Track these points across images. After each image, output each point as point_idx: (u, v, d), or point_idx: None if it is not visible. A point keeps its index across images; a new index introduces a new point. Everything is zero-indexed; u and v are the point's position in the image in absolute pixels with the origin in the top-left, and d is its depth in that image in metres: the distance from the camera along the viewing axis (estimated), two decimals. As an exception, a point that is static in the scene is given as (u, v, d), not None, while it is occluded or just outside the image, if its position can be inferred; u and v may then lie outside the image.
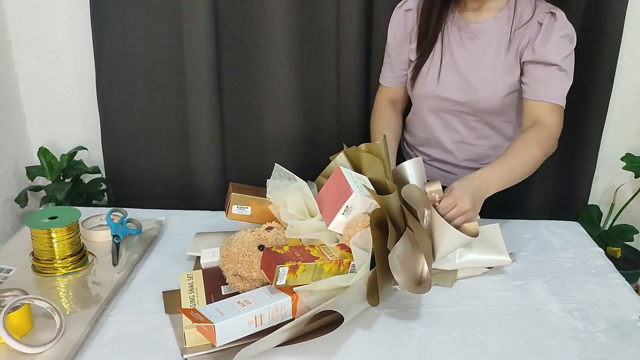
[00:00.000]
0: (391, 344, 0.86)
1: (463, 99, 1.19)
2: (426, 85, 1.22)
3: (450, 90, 1.20)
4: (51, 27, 1.66)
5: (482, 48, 1.17)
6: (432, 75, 1.20)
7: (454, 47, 1.19)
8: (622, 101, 1.69)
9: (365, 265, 0.90)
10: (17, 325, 0.83)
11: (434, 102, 1.23)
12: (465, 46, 1.18)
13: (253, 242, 0.95)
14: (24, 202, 1.65)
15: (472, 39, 1.17)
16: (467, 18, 1.18)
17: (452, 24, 1.19)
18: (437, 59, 1.20)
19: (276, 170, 1.08)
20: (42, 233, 1.00)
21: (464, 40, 1.18)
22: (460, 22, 1.18)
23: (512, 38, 1.13)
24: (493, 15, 1.16)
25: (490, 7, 1.15)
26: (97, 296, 0.95)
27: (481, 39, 1.17)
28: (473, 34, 1.17)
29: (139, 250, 1.10)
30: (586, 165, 1.71)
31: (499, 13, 1.15)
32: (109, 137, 1.72)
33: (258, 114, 1.69)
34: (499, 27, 1.15)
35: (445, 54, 1.19)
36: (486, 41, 1.16)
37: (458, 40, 1.19)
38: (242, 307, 0.82)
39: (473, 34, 1.17)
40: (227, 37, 1.59)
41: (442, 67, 1.19)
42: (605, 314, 0.95)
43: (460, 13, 1.19)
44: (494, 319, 0.93)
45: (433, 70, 1.20)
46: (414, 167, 1.08)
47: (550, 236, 1.22)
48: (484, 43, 1.17)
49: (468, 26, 1.18)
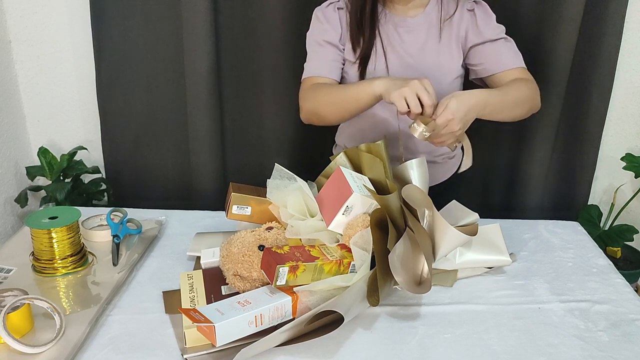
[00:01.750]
0: (393, 343, 0.86)
1: None
2: None
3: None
4: (51, 27, 1.66)
5: (420, 39, 1.21)
6: (380, 71, 1.22)
7: (394, 42, 1.22)
8: (622, 101, 1.70)
9: (366, 265, 0.90)
10: (17, 325, 0.83)
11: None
12: (403, 39, 1.22)
13: (253, 242, 0.95)
14: (24, 202, 1.65)
15: (409, 32, 1.22)
16: (399, 14, 1.22)
17: (385, 21, 1.22)
18: (381, 54, 1.22)
19: (276, 170, 1.08)
20: (42, 233, 1.00)
21: (401, 34, 1.22)
22: (395, 19, 1.22)
23: (443, 27, 1.21)
24: (421, 10, 1.22)
25: (416, 3, 1.21)
26: (97, 296, 0.94)
27: (417, 31, 1.22)
28: (409, 28, 1.21)
29: (139, 250, 1.10)
30: (586, 165, 1.71)
31: (427, 7, 1.22)
32: (109, 137, 1.72)
33: (258, 114, 1.69)
34: (430, 19, 1.22)
35: (387, 49, 1.22)
36: (422, 32, 1.21)
37: (396, 36, 1.22)
38: (242, 307, 0.81)
39: (409, 27, 1.21)
40: (227, 37, 1.59)
41: (387, 61, 1.22)
42: (606, 314, 0.95)
43: (391, 11, 1.22)
44: (496, 318, 0.93)
45: (380, 66, 1.22)
46: (416, 167, 1.08)
47: (550, 236, 1.22)
48: (420, 34, 1.21)
49: (404, 20, 1.21)
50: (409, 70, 1.22)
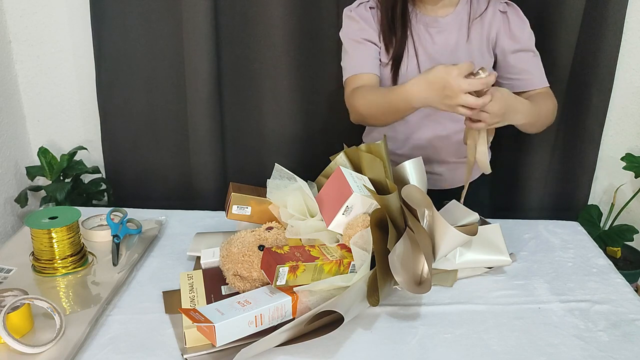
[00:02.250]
0: (393, 343, 0.86)
1: None
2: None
3: None
4: (51, 27, 1.66)
5: (451, 39, 1.21)
6: (412, 72, 1.22)
7: (425, 43, 1.22)
8: (622, 101, 1.70)
9: (366, 265, 0.90)
10: (17, 325, 0.83)
11: None
12: (435, 40, 1.21)
13: (253, 242, 0.95)
14: (24, 202, 1.65)
15: (440, 33, 1.21)
16: (429, 13, 1.22)
17: (417, 22, 1.22)
18: (412, 55, 1.22)
19: (276, 170, 1.08)
20: (42, 233, 1.00)
21: (432, 35, 1.21)
22: (426, 19, 1.21)
23: (472, 26, 1.21)
24: (452, 9, 1.21)
25: (446, 3, 1.21)
26: (97, 296, 0.94)
27: (448, 31, 1.21)
28: (440, 28, 1.21)
29: (139, 250, 1.10)
30: (586, 165, 1.71)
31: (458, 7, 1.22)
32: (109, 137, 1.72)
33: (258, 114, 1.69)
34: (460, 19, 1.21)
35: (418, 50, 1.22)
36: (453, 33, 1.21)
37: (427, 36, 1.22)
38: (242, 307, 0.81)
39: (440, 27, 1.21)
40: (227, 37, 1.59)
41: (419, 62, 1.22)
42: (606, 314, 0.95)
43: (421, 11, 1.22)
44: (496, 318, 0.93)
45: (412, 67, 1.22)
46: (414, 167, 1.08)
47: (550, 236, 1.22)
48: (452, 34, 1.21)
49: (436, 20, 1.21)
50: None
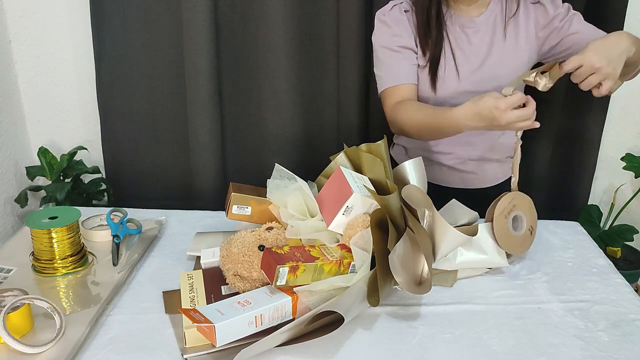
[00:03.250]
0: (393, 343, 0.86)
1: (485, 87, 1.20)
2: (448, 85, 1.22)
3: (473, 83, 1.22)
4: (51, 27, 1.66)
5: (487, 39, 1.21)
6: (450, 74, 1.21)
7: (462, 44, 1.21)
8: (622, 101, 1.70)
9: (366, 265, 0.90)
10: (17, 325, 0.83)
11: (459, 99, 1.22)
12: (471, 41, 1.21)
13: (253, 242, 0.95)
14: (24, 202, 1.65)
15: (476, 33, 1.21)
16: (464, 14, 1.21)
17: (452, 23, 1.21)
18: (450, 57, 1.21)
19: (276, 170, 1.08)
20: (42, 233, 1.00)
21: (469, 35, 1.21)
22: (461, 20, 1.21)
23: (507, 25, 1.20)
24: (485, 9, 1.21)
25: (480, 3, 1.21)
26: (97, 296, 0.94)
27: (483, 31, 1.21)
28: (476, 28, 1.21)
29: (139, 250, 1.10)
30: (586, 165, 1.71)
31: (490, 5, 1.21)
32: (109, 137, 1.72)
33: (258, 114, 1.69)
34: (494, 18, 1.21)
35: (456, 52, 1.21)
36: (489, 32, 1.21)
37: (463, 37, 1.21)
38: (242, 307, 0.81)
39: (476, 27, 1.21)
40: (227, 37, 1.59)
41: (457, 64, 1.21)
42: (606, 314, 0.95)
43: (456, 12, 1.21)
44: (496, 318, 0.93)
45: (450, 69, 1.21)
46: (414, 167, 1.08)
47: (550, 236, 1.22)
48: (487, 34, 1.21)
49: (471, 21, 1.21)
50: (478, 74, 1.21)
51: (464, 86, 1.21)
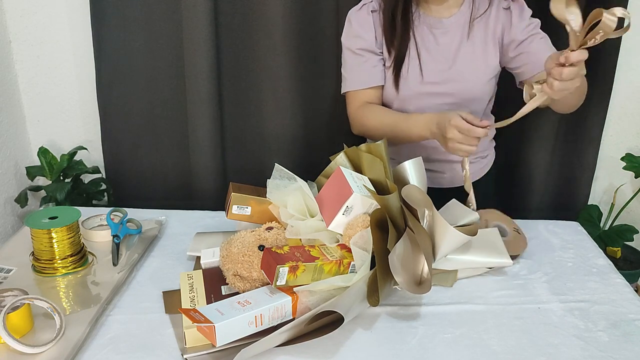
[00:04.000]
0: (393, 343, 0.86)
1: (450, 89, 1.21)
2: (410, 84, 1.22)
3: (436, 84, 1.21)
4: (51, 27, 1.66)
5: (455, 40, 1.20)
6: (414, 74, 1.21)
7: (428, 44, 1.21)
8: (622, 101, 1.70)
9: (366, 265, 0.90)
10: (17, 325, 0.83)
11: (421, 99, 1.23)
12: (439, 42, 1.21)
13: (253, 242, 0.95)
14: (24, 202, 1.65)
15: (445, 34, 1.20)
16: (434, 15, 1.21)
17: (420, 23, 1.21)
18: (415, 57, 1.21)
19: (276, 170, 1.08)
20: (42, 233, 1.00)
21: (436, 36, 1.20)
22: (430, 20, 1.20)
23: (473, 26, 1.20)
24: (456, 10, 1.20)
25: (451, 4, 1.20)
26: (97, 296, 0.94)
27: (453, 32, 1.20)
28: (445, 29, 1.20)
29: (139, 250, 1.10)
30: (586, 165, 1.71)
31: (462, 7, 1.21)
32: (109, 137, 1.72)
33: (258, 114, 1.69)
34: (465, 20, 1.21)
35: (421, 52, 1.20)
36: (458, 34, 1.20)
37: (431, 38, 1.21)
38: (242, 307, 0.81)
39: (445, 28, 1.20)
40: (227, 37, 1.59)
41: (421, 63, 1.20)
42: (606, 314, 0.95)
43: (425, 11, 1.21)
44: (496, 318, 0.93)
45: (414, 69, 1.21)
46: (414, 167, 1.08)
47: (550, 236, 1.22)
48: (456, 36, 1.20)
49: (440, 22, 1.20)
50: (443, 74, 1.20)
51: (427, 87, 1.21)
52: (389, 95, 1.25)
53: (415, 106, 1.24)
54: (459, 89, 1.21)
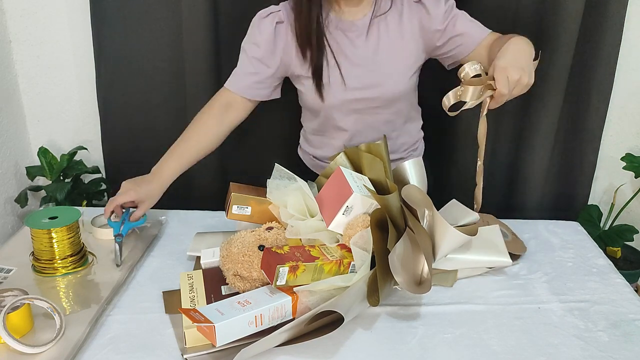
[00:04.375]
0: (393, 343, 0.86)
1: (374, 94, 1.18)
2: (334, 93, 1.18)
3: (359, 90, 1.18)
4: (51, 27, 1.66)
5: (372, 41, 1.17)
6: (335, 82, 1.18)
7: (345, 48, 1.17)
8: (622, 101, 1.70)
9: (366, 265, 0.90)
10: (17, 325, 0.83)
11: (347, 106, 1.20)
12: (355, 44, 1.17)
13: (253, 242, 0.95)
14: (24, 202, 1.65)
15: (360, 36, 1.17)
16: (346, 18, 1.17)
17: (334, 28, 1.17)
18: (334, 65, 1.17)
19: (276, 170, 1.08)
20: (42, 233, 1.00)
21: (352, 39, 1.17)
22: (343, 24, 1.17)
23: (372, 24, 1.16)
24: (368, 10, 1.17)
25: (366, 4, 1.17)
26: (97, 296, 0.95)
27: (369, 33, 1.17)
28: (359, 31, 1.17)
29: (139, 250, 1.10)
30: (586, 165, 1.71)
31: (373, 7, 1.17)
32: (109, 137, 1.72)
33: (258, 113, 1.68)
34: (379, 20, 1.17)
35: (339, 58, 1.17)
36: (374, 34, 1.17)
37: (346, 41, 1.17)
38: (242, 307, 0.82)
39: (359, 31, 1.17)
40: (227, 37, 1.59)
41: (342, 70, 1.17)
42: (606, 314, 0.95)
43: (338, 15, 1.17)
44: (496, 318, 0.93)
45: (334, 77, 1.18)
46: (414, 167, 1.08)
47: (550, 236, 1.22)
48: (372, 36, 1.17)
49: (353, 24, 1.17)
50: (365, 79, 1.17)
51: (350, 94, 1.18)
52: (314, 104, 1.22)
53: (343, 113, 1.22)
54: (382, 92, 1.18)
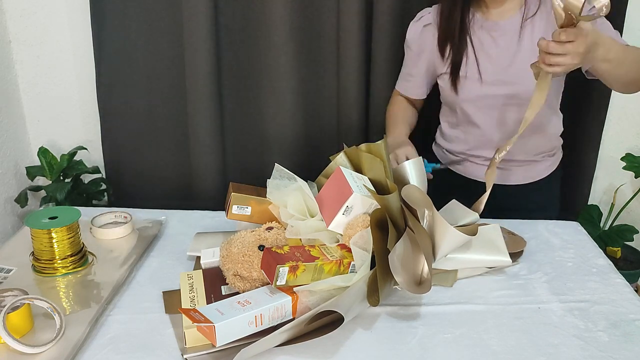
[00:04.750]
0: (393, 343, 0.86)
1: (509, 90, 1.23)
2: (470, 87, 1.25)
3: (495, 86, 1.23)
4: (51, 27, 1.66)
5: (514, 42, 1.21)
6: (472, 77, 1.23)
7: (487, 47, 1.23)
8: (622, 101, 1.70)
9: (366, 265, 0.90)
10: (17, 325, 0.83)
11: (481, 101, 1.26)
12: (498, 43, 1.22)
13: (253, 242, 0.95)
14: (24, 202, 1.65)
15: (503, 35, 1.22)
16: (492, 18, 1.22)
17: (478, 28, 1.23)
18: (473, 61, 1.23)
19: (276, 170, 1.08)
20: (42, 233, 1.00)
21: (495, 38, 1.22)
22: (487, 24, 1.22)
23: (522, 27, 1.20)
24: (516, 11, 1.21)
25: (511, 6, 1.21)
26: (97, 296, 0.94)
27: (511, 33, 1.21)
28: (503, 31, 1.22)
29: (138, 250, 1.10)
30: (586, 165, 1.71)
31: (521, 8, 1.22)
32: (109, 137, 1.72)
33: (258, 114, 1.69)
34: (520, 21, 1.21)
35: (480, 55, 1.23)
36: (517, 35, 1.21)
37: (489, 40, 1.22)
38: (242, 307, 0.81)
39: (502, 31, 1.22)
40: (227, 37, 1.59)
41: (480, 67, 1.23)
42: (606, 314, 0.95)
43: (483, 15, 1.23)
44: (496, 318, 0.93)
45: (472, 72, 1.23)
46: (414, 167, 1.08)
47: (550, 236, 1.22)
48: (514, 37, 1.21)
49: (496, 24, 1.22)
50: (502, 75, 1.22)
51: (485, 89, 1.24)
52: (448, 98, 1.31)
53: (477, 108, 1.27)
54: (517, 89, 1.22)
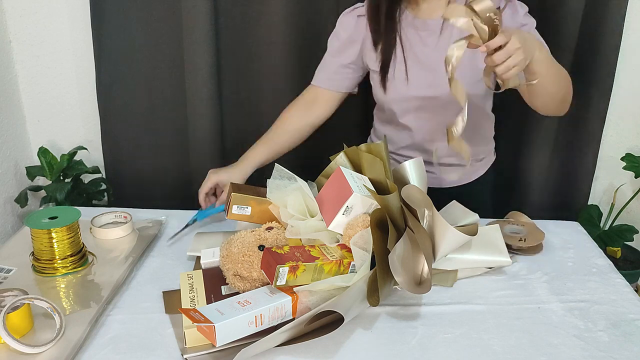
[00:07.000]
0: (393, 343, 0.86)
1: (435, 93, 1.20)
2: (396, 87, 1.22)
3: (421, 87, 1.20)
4: (51, 27, 1.66)
5: (443, 42, 1.18)
6: (399, 77, 1.21)
7: (415, 47, 1.19)
8: (622, 101, 1.70)
9: (366, 265, 0.90)
10: (17, 325, 0.83)
11: (408, 102, 1.23)
12: (426, 43, 1.19)
13: (253, 242, 0.95)
14: (24, 202, 1.65)
15: (432, 35, 1.19)
16: (422, 17, 1.19)
17: (407, 25, 1.20)
18: (401, 60, 1.20)
19: (276, 170, 1.08)
20: (42, 233, 1.00)
21: (423, 37, 1.19)
22: (416, 22, 1.19)
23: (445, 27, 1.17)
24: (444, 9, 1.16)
25: (441, 3, 1.17)
26: (97, 296, 0.94)
27: (438, 33, 1.18)
28: (432, 31, 1.18)
29: (138, 250, 1.10)
30: (586, 165, 1.71)
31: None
32: (109, 137, 1.72)
33: (258, 114, 1.69)
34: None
35: (408, 55, 1.20)
36: (446, 35, 1.17)
37: (418, 39, 1.19)
38: (242, 307, 0.81)
39: (432, 30, 1.18)
40: (227, 37, 1.59)
41: (407, 67, 1.20)
42: (606, 314, 0.95)
43: (414, 13, 1.20)
44: (496, 318, 0.93)
45: (400, 72, 1.20)
46: (414, 167, 1.08)
47: (550, 236, 1.22)
48: (444, 37, 1.18)
49: (425, 23, 1.18)
50: (428, 78, 1.19)
51: (413, 91, 1.21)
52: (378, 96, 1.28)
53: (404, 109, 1.24)
54: (442, 93, 1.19)
